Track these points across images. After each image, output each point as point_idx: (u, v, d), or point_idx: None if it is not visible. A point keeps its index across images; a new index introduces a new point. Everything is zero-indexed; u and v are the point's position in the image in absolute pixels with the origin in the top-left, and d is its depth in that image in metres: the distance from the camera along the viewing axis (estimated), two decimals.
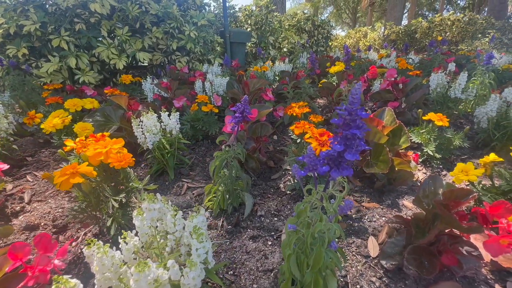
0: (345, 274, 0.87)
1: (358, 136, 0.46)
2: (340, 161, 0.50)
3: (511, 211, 0.80)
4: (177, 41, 3.40)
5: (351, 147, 0.47)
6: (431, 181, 0.92)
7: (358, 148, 0.48)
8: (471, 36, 7.18)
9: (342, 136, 0.47)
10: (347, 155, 0.47)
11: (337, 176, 0.51)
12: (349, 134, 0.46)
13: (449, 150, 1.46)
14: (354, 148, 0.47)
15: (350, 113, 0.45)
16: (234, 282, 0.86)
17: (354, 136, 0.46)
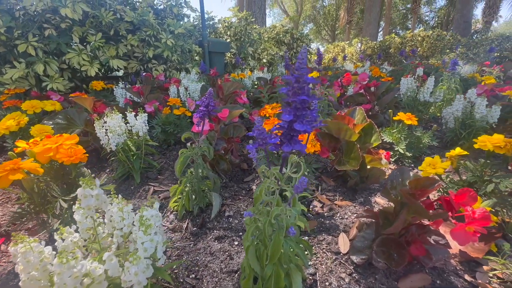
0: (314, 271, 0.82)
1: (309, 105, 0.43)
2: (292, 134, 0.46)
3: (476, 199, 0.80)
4: (154, 49, 3.35)
5: (302, 117, 0.44)
6: (398, 172, 0.91)
7: (310, 119, 0.44)
8: (440, 51, 7.63)
9: (292, 105, 0.44)
10: (297, 125, 0.43)
11: (288, 151, 0.47)
12: (297, 102, 0.43)
13: (419, 149, 1.48)
14: (304, 119, 0.44)
15: (298, 79, 0.42)
16: (195, 286, 0.79)
17: (304, 104, 0.43)
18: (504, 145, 0.93)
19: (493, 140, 0.97)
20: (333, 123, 1.26)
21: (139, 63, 3.47)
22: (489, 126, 1.50)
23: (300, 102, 0.43)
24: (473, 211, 0.77)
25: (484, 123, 1.49)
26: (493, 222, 0.87)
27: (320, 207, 1.14)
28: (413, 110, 2.05)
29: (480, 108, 1.47)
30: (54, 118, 1.53)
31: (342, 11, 20.57)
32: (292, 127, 0.45)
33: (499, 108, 1.47)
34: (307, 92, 0.43)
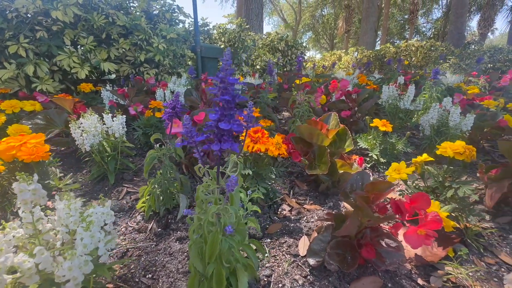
0: (270, 273, 0.82)
1: (233, 105, 0.45)
2: (222, 133, 0.48)
3: (429, 203, 0.81)
4: (145, 53, 3.39)
5: (229, 116, 0.45)
6: (359, 176, 0.92)
7: (237, 120, 0.46)
8: (433, 62, 7.73)
9: (219, 104, 0.45)
10: (222, 124, 0.45)
11: (217, 149, 0.48)
12: (222, 101, 0.44)
13: (394, 155, 1.49)
14: (232, 118, 0.46)
15: (222, 80, 0.44)
16: (151, 286, 0.79)
17: (229, 104, 0.45)
18: (463, 152, 0.95)
19: (454, 147, 0.98)
20: (305, 127, 1.28)
21: (131, 66, 3.50)
22: (462, 134, 1.52)
23: (225, 102, 0.44)
24: (426, 215, 0.78)
25: (458, 131, 1.51)
26: (449, 226, 0.88)
27: (288, 211, 1.15)
28: (394, 118, 2.08)
29: (453, 116, 1.50)
30: (34, 118, 1.54)
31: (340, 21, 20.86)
32: (219, 126, 0.46)
33: (472, 116, 1.49)
34: (232, 92, 0.44)
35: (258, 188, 1.06)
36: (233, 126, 0.45)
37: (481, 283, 0.81)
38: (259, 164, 1.08)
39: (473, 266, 0.86)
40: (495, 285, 0.81)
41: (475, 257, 0.90)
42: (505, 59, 7.42)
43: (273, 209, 1.15)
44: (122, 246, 0.95)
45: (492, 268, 0.87)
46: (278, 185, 1.38)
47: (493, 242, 0.98)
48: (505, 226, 1.06)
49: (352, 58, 10.75)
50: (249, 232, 0.97)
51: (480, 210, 1.17)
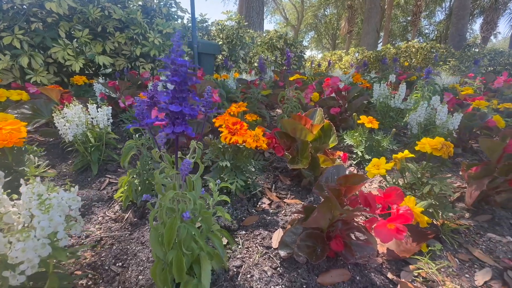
0: (241, 264, 0.82)
1: (188, 88, 0.44)
2: (175, 116, 0.47)
3: (402, 197, 0.81)
4: (141, 47, 3.38)
5: (180, 99, 0.45)
6: (334, 170, 0.92)
7: (190, 103, 0.45)
8: (433, 63, 7.70)
9: (172, 87, 0.45)
10: (172, 107, 0.44)
11: (169, 131, 0.48)
12: (173, 82, 0.44)
13: (379, 152, 1.49)
14: (184, 101, 0.45)
15: (173, 61, 0.43)
16: (120, 274, 0.79)
17: (180, 86, 0.44)
18: (440, 148, 0.95)
19: (432, 143, 0.98)
20: (289, 122, 1.27)
21: (127, 60, 3.50)
22: (448, 133, 1.51)
23: (177, 84, 0.44)
24: (397, 209, 0.78)
25: (445, 129, 1.51)
26: (424, 222, 0.88)
27: (268, 204, 1.14)
28: (385, 116, 2.07)
29: (440, 114, 1.49)
30: (20, 107, 1.54)
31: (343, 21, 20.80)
32: (182, 111, 0.46)
33: (460, 115, 1.48)
34: (182, 74, 0.44)
35: (237, 181, 1.05)
36: (185, 109, 0.45)
37: (452, 279, 0.81)
38: (238, 157, 1.08)
39: (446, 262, 0.85)
40: (466, 281, 0.80)
41: (449, 253, 0.90)
42: (506, 62, 7.39)
43: (252, 202, 1.15)
44: (97, 235, 0.95)
45: (465, 264, 0.87)
46: (261, 179, 1.38)
47: (469, 239, 0.98)
48: (484, 224, 1.06)
49: (352, 59, 10.73)
50: (224, 223, 0.97)
51: (460, 208, 1.16)
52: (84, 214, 1.07)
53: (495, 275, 0.83)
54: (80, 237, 0.94)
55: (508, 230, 1.03)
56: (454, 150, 1.77)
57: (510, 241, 0.97)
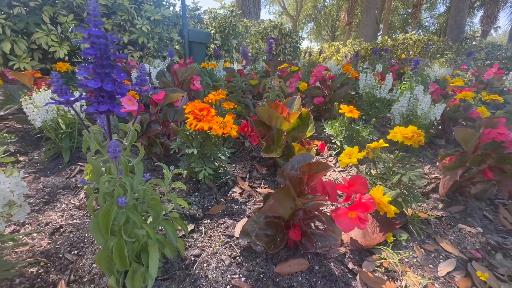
0: (200, 253, 0.80)
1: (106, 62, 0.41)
2: (100, 94, 0.44)
3: (366, 186, 0.78)
4: (129, 34, 3.30)
5: (102, 74, 0.42)
6: (301, 158, 0.89)
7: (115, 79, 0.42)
8: (430, 56, 7.63)
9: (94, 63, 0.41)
10: (91, 83, 0.41)
11: (92, 110, 0.45)
12: (91, 55, 0.40)
13: (359, 143, 1.46)
14: (106, 77, 0.42)
15: (89, 34, 0.39)
16: (74, 262, 0.77)
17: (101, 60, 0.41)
18: (411, 136, 0.92)
19: (403, 131, 0.95)
20: (264, 110, 1.24)
21: (114, 48, 3.42)
22: (429, 123, 1.49)
23: (97, 58, 0.40)
24: (359, 198, 0.75)
25: (427, 120, 1.48)
26: (391, 212, 0.86)
27: (239, 193, 1.12)
28: (371, 107, 2.04)
29: (422, 104, 1.46)
30: None
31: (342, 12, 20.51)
32: (102, 88, 0.42)
33: (442, 106, 1.45)
34: (101, 47, 0.40)
35: (205, 168, 1.03)
36: (107, 86, 0.41)
37: (415, 269, 0.79)
38: (206, 144, 1.04)
39: (409, 252, 0.84)
40: (429, 271, 0.79)
41: (416, 244, 0.88)
42: (503, 56, 7.34)
43: (223, 191, 1.13)
44: (57, 223, 0.92)
45: (430, 255, 0.85)
46: (237, 168, 1.35)
47: (439, 230, 0.96)
48: (456, 215, 1.04)
49: (350, 50, 10.61)
50: (189, 211, 0.95)
51: (435, 198, 1.15)
52: (49, 202, 1.04)
53: (459, 266, 0.81)
54: (39, 225, 0.91)
55: (479, 222, 1.01)
56: (437, 141, 1.75)
57: (480, 232, 0.96)
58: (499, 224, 1.01)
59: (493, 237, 0.94)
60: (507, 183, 1.01)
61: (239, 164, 1.41)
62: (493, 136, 0.96)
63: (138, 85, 0.48)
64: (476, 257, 0.85)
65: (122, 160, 0.53)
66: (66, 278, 0.72)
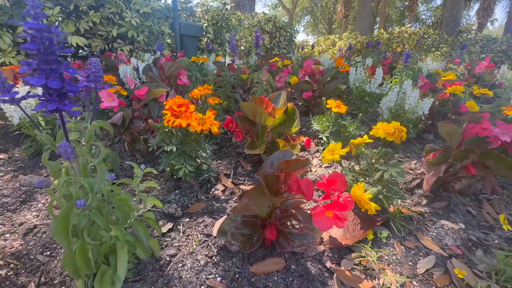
0: (176, 252, 0.78)
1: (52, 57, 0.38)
2: (49, 92, 0.41)
3: (345, 184, 0.77)
4: (118, 27, 3.24)
5: (47, 70, 0.39)
6: (281, 154, 0.87)
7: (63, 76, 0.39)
8: (425, 49, 7.61)
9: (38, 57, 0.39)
10: (32, 80, 0.38)
11: (40, 109, 0.42)
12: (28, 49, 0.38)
13: (346, 138, 1.44)
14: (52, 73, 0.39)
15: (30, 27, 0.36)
16: (46, 263, 0.75)
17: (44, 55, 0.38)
18: (393, 132, 0.90)
19: (386, 128, 0.93)
20: (248, 105, 1.21)
21: (104, 42, 3.35)
22: (417, 118, 1.47)
23: (40, 53, 0.38)
24: (338, 196, 0.74)
25: (414, 115, 1.46)
26: (371, 209, 0.84)
27: (221, 191, 1.10)
28: (361, 101, 2.02)
29: (409, 99, 1.44)
30: None
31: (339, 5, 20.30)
32: (47, 85, 0.40)
33: (430, 100, 1.44)
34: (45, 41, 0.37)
35: (185, 166, 1.00)
36: (52, 83, 0.39)
37: (394, 267, 0.78)
38: (186, 141, 1.02)
39: (388, 250, 0.83)
40: (408, 269, 0.78)
41: (396, 241, 0.87)
42: (498, 50, 7.33)
43: (206, 188, 1.11)
44: (32, 223, 0.90)
45: (410, 252, 0.84)
46: (222, 165, 1.34)
47: (421, 226, 0.96)
48: (439, 211, 1.03)
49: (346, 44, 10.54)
50: (168, 210, 0.93)
51: (419, 194, 1.14)
52: (26, 201, 1.02)
53: (439, 263, 0.81)
54: (13, 225, 0.89)
55: (462, 217, 1.01)
56: (426, 136, 1.74)
57: (462, 228, 0.95)
58: (482, 220, 1.01)
59: (475, 233, 0.94)
60: (490, 178, 1.00)
61: (225, 160, 1.39)
62: (477, 132, 0.95)
63: (93, 82, 0.46)
64: (456, 254, 0.84)
65: (81, 160, 0.50)
66: (36, 281, 0.70)
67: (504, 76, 2.42)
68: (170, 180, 1.13)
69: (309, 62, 1.84)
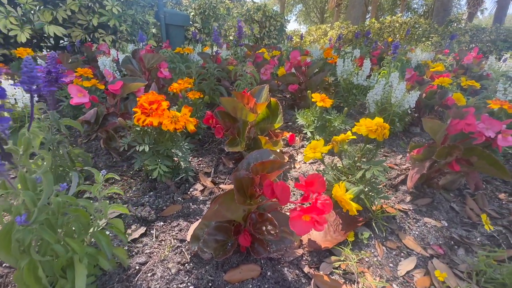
0: (146, 260, 0.74)
1: None
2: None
3: (324, 185, 0.73)
4: (98, 16, 3.09)
5: None
6: (258, 154, 0.83)
7: None
8: (416, 39, 7.59)
9: None
10: None
11: None
12: None
13: (332, 133, 1.41)
14: None
15: None
16: (5, 275, 0.70)
17: None
18: (375, 129, 0.87)
19: (368, 124, 0.90)
20: (228, 101, 1.16)
21: (84, 31, 3.20)
22: (403, 112, 1.45)
23: None
24: (316, 199, 0.70)
25: (402, 108, 1.43)
26: (352, 210, 0.81)
27: (200, 191, 1.06)
28: (349, 94, 1.98)
29: (396, 92, 1.41)
30: None
31: None
32: None
33: (416, 94, 1.41)
34: None
35: (160, 166, 0.95)
36: None
37: (374, 269, 0.76)
38: (160, 140, 0.97)
39: (368, 253, 0.81)
40: (389, 271, 0.76)
41: (378, 242, 0.85)
42: (487, 39, 7.36)
43: (183, 188, 1.06)
44: None
45: (392, 253, 0.82)
46: (204, 162, 1.29)
47: (404, 225, 0.94)
48: (422, 208, 1.01)
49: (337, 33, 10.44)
50: (140, 214, 0.88)
51: (403, 191, 1.12)
52: None
53: (420, 264, 0.79)
54: None
55: (445, 214, 0.99)
56: (413, 129, 1.72)
57: (445, 226, 0.94)
58: (465, 216, 0.99)
59: (457, 230, 0.92)
60: (474, 175, 0.98)
61: (206, 157, 1.34)
62: (461, 128, 0.92)
63: (26, 83, 0.40)
64: (438, 254, 0.82)
65: (19, 172, 0.45)
66: None
67: (492, 67, 2.41)
68: (146, 181, 1.08)
69: (295, 54, 1.78)
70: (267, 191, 0.64)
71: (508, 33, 6.70)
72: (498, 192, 1.15)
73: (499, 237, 0.90)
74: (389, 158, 1.36)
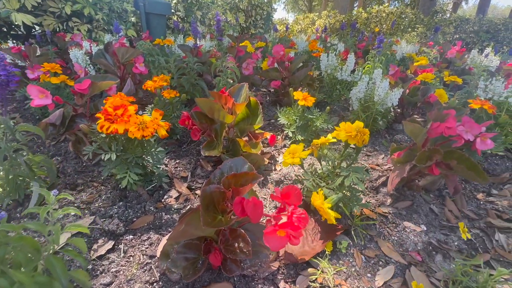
0: (111, 281, 0.69)
1: None
2: None
3: (300, 198, 0.69)
4: (71, 4, 2.90)
5: None
6: (232, 164, 0.78)
7: None
8: (402, 29, 7.60)
9: None
10: None
11: None
12: None
13: (313, 132, 1.37)
14: None
15: None
16: None
17: None
18: (354, 135, 0.83)
19: (348, 129, 0.86)
20: (204, 101, 1.09)
21: (57, 20, 3.00)
22: (385, 110, 1.42)
23: None
24: (292, 212, 0.66)
25: (384, 106, 1.41)
26: (331, 219, 0.78)
27: (175, 198, 1.01)
28: (333, 89, 1.95)
29: (379, 90, 1.38)
30: None
31: None
32: None
33: (399, 91, 1.38)
34: None
35: (129, 174, 0.89)
36: None
37: (352, 281, 0.74)
38: (128, 147, 0.90)
39: (347, 264, 0.78)
40: (367, 282, 0.74)
41: (357, 250, 0.83)
42: (471, 30, 7.45)
43: (157, 196, 1.01)
44: None
45: (370, 262, 0.81)
46: (181, 165, 1.23)
47: (383, 230, 0.92)
48: (402, 212, 1.00)
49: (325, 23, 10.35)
50: (108, 227, 0.82)
51: (384, 193, 1.10)
52: None
53: (397, 273, 0.77)
54: None
55: (424, 218, 0.98)
56: (396, 126, 1.71)
57: (424, 231, 0.93)
58: (443, 219, 0.99)
59: (436, 235, 0.92)
60: (453, 178, 0.97)
61: (184, 159, 1.28)
62: (441, 131, 0.90)
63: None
64: (416, 261, 0.81)
65: None
66: None
67: (474, 61, 2.43)
68: (116, 189, 1.01)
69: (278, 48, 1.71)
70: (237, 209, 0.60)
71: (490, 25, 6.81)
72: (477, 192, 1.15)
73: (476, 240, 0.90)
74: (371, 157, 1.35)
